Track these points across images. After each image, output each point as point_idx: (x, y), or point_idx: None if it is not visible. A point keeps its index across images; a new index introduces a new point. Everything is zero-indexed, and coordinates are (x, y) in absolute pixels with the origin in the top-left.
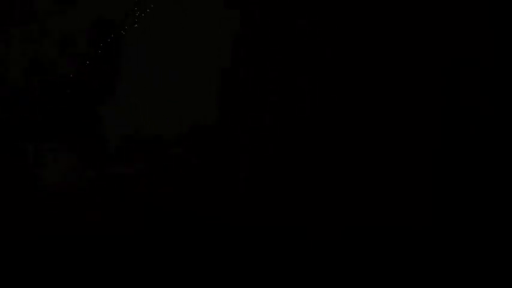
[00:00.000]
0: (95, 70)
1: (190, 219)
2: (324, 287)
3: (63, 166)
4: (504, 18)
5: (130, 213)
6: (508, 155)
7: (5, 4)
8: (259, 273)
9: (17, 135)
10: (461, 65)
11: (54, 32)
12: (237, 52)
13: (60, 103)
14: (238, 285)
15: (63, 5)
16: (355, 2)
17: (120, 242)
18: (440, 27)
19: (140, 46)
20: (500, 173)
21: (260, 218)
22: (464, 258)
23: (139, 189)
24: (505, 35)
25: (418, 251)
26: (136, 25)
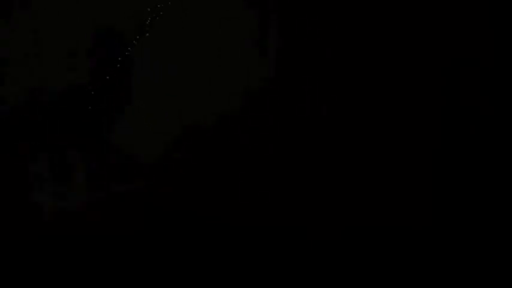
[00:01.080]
0: (99, 73)
1: (190, 219)
2: (324, 287)
3: (62, 166)
4: (504, 18)
5: (131, 213)
6: (508, 155)
7: (5, 4)
8: (259, 273)
9: (17, 138)
10: (461, 65)
11: (56, 33)
12: (237, 52)
13: (62, 106)
14: (238, 285)
15: (64, 6)
16: (354, 2)
17: (120, 242)
18: (440, 27)
19: (144, 49)
20: (500, 173)
21: (260, 218)
22: (464, 259)
23: (139, 189)
24: (505, 35)
25: (418, 251)
26: (141, 29)
